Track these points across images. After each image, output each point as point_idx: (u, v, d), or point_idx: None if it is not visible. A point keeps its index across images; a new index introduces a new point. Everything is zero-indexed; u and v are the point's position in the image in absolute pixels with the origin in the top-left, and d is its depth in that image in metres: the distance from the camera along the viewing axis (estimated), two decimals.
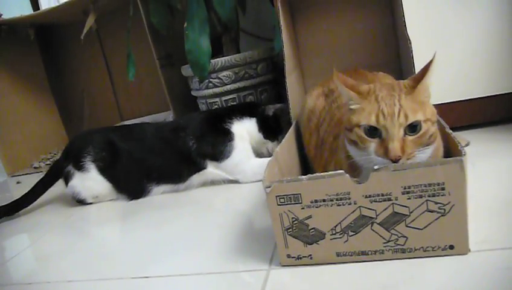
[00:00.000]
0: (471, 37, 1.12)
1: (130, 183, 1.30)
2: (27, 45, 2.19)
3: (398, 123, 0.63)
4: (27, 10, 2.43)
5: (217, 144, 1.22)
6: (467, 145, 1.04)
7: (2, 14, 2.02)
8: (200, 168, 1.24)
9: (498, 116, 1.17)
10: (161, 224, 1.07)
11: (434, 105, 0.70)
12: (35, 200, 1.37)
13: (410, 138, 0.64)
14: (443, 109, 1.10)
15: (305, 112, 1.02)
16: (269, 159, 0.77)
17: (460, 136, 0.68)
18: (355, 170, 0.71)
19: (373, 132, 0.66)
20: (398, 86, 0.68)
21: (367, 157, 0.67)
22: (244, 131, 1.27)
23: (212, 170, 1.24)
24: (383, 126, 0.64)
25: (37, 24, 2.16)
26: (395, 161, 0.62)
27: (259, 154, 1.30)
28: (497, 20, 1.10)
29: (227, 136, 1.23)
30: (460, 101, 1.17)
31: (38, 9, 2.46)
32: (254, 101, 1.55)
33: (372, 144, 0.66)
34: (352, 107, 0.70)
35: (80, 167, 1.30)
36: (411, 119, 0.63)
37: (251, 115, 1.29)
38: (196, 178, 1.25)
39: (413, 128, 0.64)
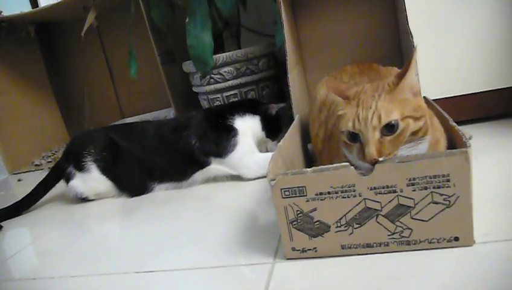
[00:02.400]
0: (472, 31, 1.12)
1: (132, 182, 1.30)
2: (27, 42, 2.18)
3: (372, 126, 0.64)
4: (26, 7, 2.42)
5: (220, 140, 1.22)
6: (469, 139, 1.04)
7: (1, 11, 2.01)
8: (203, 165, 1.24)
9: (500, 110, 1.17)
10: (164, 219, 1.07)
11: (435, 100, 0.70)
12: (36, 202, 1.37)
13: (387, 138, 0.64)
14: (444, 103, 1.11)
15: (316, 102, 1.02)
16: (273, 153, 0.77)
17: (463, 130, 0.69)
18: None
19: (354, 136, 0.67)
20: (382, 86, 0.68)
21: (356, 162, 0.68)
22: (248, 128, 1.26)
23: (216, 166, 1.24)
24: (359, 130, 0.65)
25: (37, 21, 2.16)
26: (373, 164, 0.63)
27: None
28: (498, 14, 1.10)
29: (230, 132, 1.23)
30: (462, 95, 1.17)
31: (37, 6, 2.45)
32: (254, 99, 1.55)
33: (355, 149, 0.67)
34: (339, 113, 0.71)
35: (81, 168, 1.30)
36: (385, 121, 0.63)
37: (253, 113, 1.29)
38: (199, 175, 1.25)
39: (390, 128, 0.64)
